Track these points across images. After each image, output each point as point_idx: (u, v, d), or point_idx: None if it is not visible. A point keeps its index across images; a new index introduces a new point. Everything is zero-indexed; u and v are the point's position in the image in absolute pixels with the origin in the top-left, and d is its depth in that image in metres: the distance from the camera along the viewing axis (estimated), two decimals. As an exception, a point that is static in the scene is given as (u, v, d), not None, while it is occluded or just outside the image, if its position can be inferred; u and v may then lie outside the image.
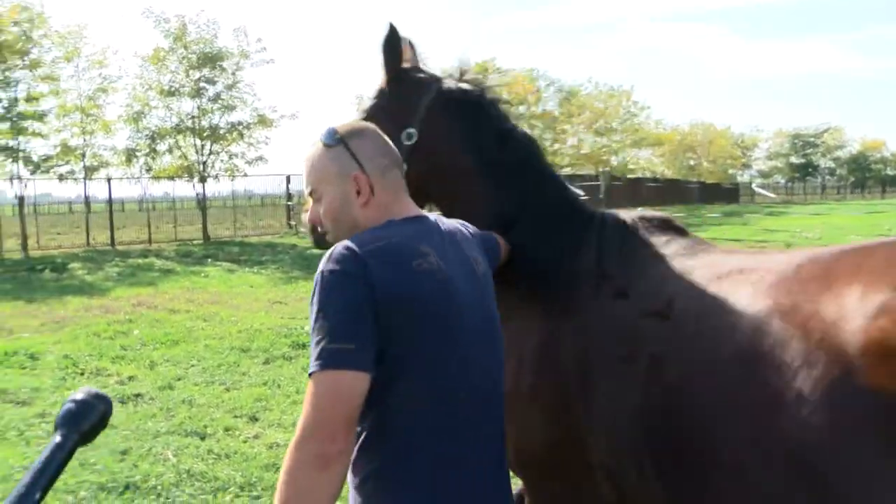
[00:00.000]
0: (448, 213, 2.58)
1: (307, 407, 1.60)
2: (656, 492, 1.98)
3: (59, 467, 1.15)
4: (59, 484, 4.76)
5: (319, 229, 2.02)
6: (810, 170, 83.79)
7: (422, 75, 2.82)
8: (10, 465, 5.21)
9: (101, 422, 1.23)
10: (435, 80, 2.78)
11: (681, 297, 2.07)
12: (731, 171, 73.85)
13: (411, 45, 2.86)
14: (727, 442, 1.78)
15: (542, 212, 2.62)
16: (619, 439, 2.07)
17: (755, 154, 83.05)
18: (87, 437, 1.21)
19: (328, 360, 1.60)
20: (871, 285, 1.62)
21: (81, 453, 5.07)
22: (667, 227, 2.50)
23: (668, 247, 2.35)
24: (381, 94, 2.80)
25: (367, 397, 1.63)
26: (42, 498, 1.10)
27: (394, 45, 2.74)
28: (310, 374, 1.62)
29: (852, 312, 1.60)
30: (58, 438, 1.17)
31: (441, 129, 2.69)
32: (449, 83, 2.78)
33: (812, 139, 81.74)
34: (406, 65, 2.80)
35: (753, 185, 74.88)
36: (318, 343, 1.62)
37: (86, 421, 1.21)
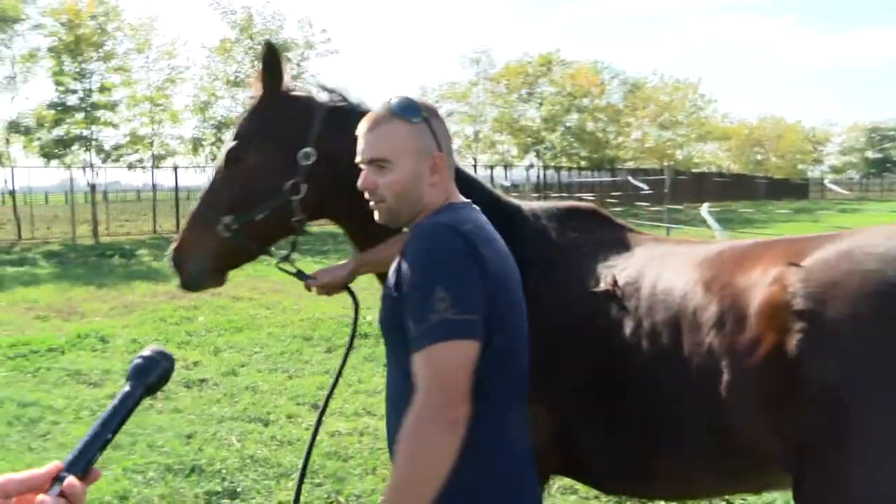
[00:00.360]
0: (363, 228, 2.58)
1: (438, 375, 1.68)
2: (601, 433, 2.37)
3: (128, 413, 1.29)
4: (128, 463, 4.88)
5: (372, 199, 1.96)
6: (888, 165, 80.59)
7: (301, 94, 2.78)
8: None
9: (164, 377, 1.37)
10: (314, 98, 2.76)
11: (623, 277, 2.39)
12: (800, 167, 71.89)
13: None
14: (661, 388, 2.21)
15: None
16: (578, 397, 2.39)
17: (827, 149, 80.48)
18: (152, 389, 1.35)
19: (455, 329, 1.68)
20: (770, 264, 2.05)
21: (150, 435, 5.19)
22: (597, 216, 2.74)
23: (603, 234, 2.63)
24: (260, 116, 2.75)
25: None
26: (112, 437, 1.24)
27: (274, 65, 2.73)
28: (428, 344, 1.69)
29: (755, 283, 2.05)
30: (127, 388, 1.32)
31: (343, 143, 2.42)
32: (332, 97, 2.75)
33: (892, 133, 78.51)
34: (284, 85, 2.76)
35: (826, 181, 72.58)
36: (439, 313, 1.68)
37: (151, 374, 1.35)
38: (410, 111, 1.93)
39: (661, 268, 2.34)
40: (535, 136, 36.80)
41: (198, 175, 28.80)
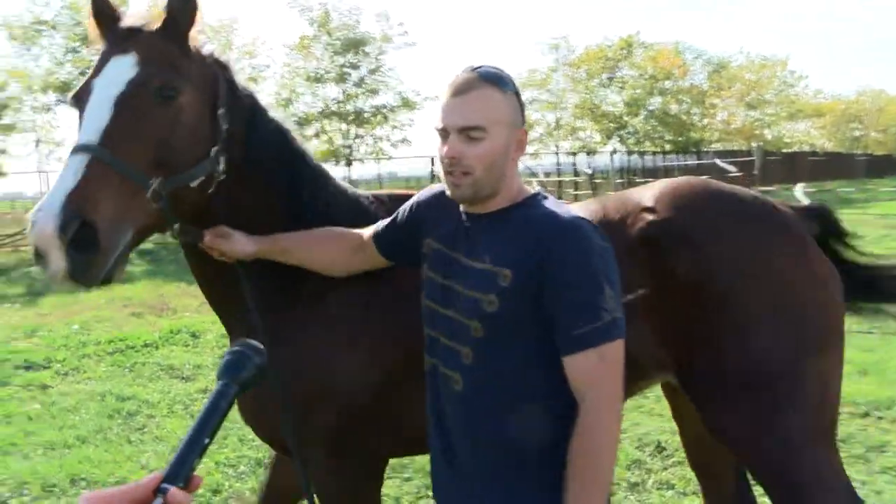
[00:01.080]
0: (237, 211, 2.30)
1: (613, 372, 1.75)
2: None
3: (223, 414, 1.23)
4: (220, 458, 4.93)
5: (457, 173, 1.82)
6: None
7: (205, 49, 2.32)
8: (178, 437, 5.45)
9: (258, 372, 1.31)
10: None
11: None
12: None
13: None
14: None
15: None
16: None
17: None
18: (246, 385, 1.28)
19: (622, 329, 1.75)
20: (645, 200, 2.52)
21: (241, 429, 5.22)
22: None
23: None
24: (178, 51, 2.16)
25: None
26: (210, 441, 1.19)
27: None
28: (602, 342, 1.72)
29: (634, 210, 2.51)
30: (219, 387, 1.26)
31: (246, 112, 2.33)
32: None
33: None
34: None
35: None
36: (610, 312, 1.73)
37: (244, 371, 1.28)
38: (502, 80, 1.83)
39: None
40: (618, 121, 36.07)
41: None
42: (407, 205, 2.19)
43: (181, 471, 1.13)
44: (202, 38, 2.30)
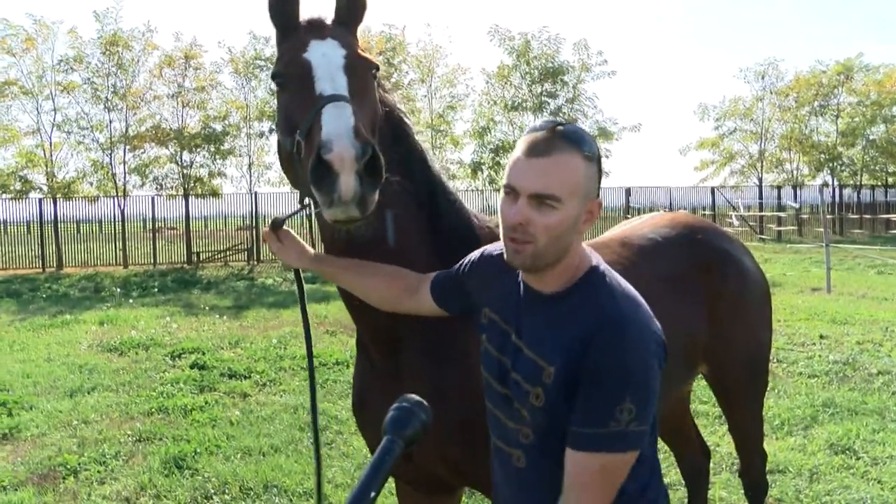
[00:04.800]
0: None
1: (606, 485, 1.65)
2: None
3: (389, 468, 1.29)
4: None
5: (519, 239, 1.69)
6: None
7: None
8: (364, 455, 5.55)
9: (422, 429, 1.38)
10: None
11: None
12: None
13: None
14: None
15: None
16: None
17: None
18: (411, 441, 1.35)
19: (632, 442, 1.62)
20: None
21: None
22: None
23: None
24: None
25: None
26: (377, 495, 1.25)
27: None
28: (604, 451, 1.61)
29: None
30: (385, 442, 1.33)
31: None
32: None
33: None
34: None
35: None
36: (636, 424, 1.60)
37: (409, 427, 1.35)
38: (588, 143, 1.68)
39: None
40: (830, 152, 33.54)
41: (476, 198, 29.79)
42: (470, 259, 2.12)
43: None
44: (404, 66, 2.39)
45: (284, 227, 2.38)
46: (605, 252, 2.94)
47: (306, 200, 2.11)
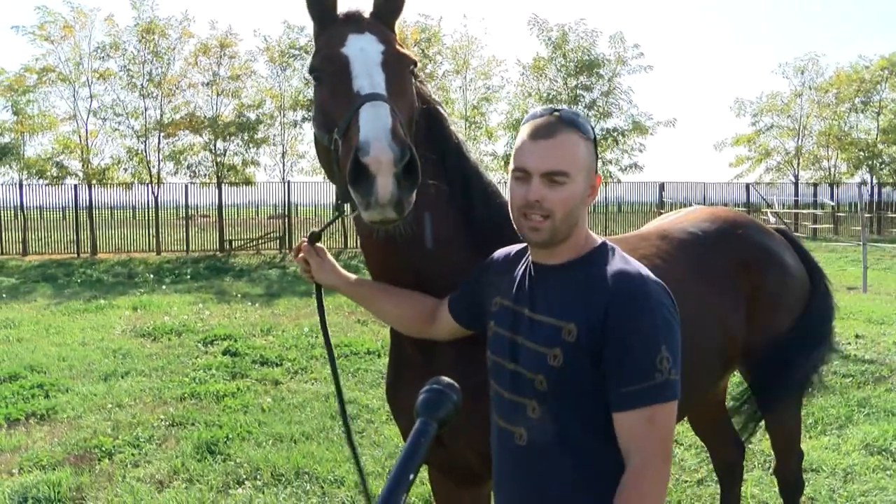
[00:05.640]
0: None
1: (664, 435, 1.71)
2: None
3: (425, 450, 1.29)
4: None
5: (536, 216, 1.80)
6: None
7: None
8: (395, 444, 5.58)
9: (454, 410, 1.38)
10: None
11: None
12: None
13: None
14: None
15: None
16: None
17: None
18: (444, 423, 1.35)
19: (676, 390, 1.72)
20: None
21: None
22: None
23: None
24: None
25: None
26: (415, 477, 1.25)
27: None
28: (653, 403, 1.69)
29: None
30: (419, 424, 1.33)
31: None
32: None
33: None
34: None
35: None
36: (674, 373, 1.71)
37: (442, 409, 1.36)
38: (585, 125, 1.84)
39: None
40: (870, 150, 32.92)
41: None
42: (476, 269, 2.21)
43: None
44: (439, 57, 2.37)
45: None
46: (644, 245, 2.98)
47: (343, 208, 2.18)
